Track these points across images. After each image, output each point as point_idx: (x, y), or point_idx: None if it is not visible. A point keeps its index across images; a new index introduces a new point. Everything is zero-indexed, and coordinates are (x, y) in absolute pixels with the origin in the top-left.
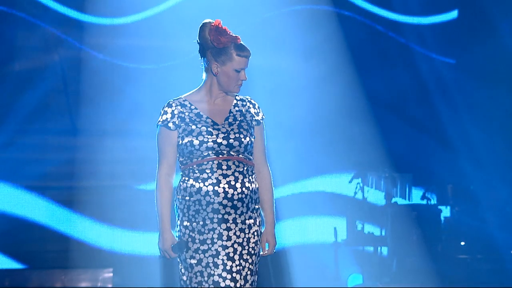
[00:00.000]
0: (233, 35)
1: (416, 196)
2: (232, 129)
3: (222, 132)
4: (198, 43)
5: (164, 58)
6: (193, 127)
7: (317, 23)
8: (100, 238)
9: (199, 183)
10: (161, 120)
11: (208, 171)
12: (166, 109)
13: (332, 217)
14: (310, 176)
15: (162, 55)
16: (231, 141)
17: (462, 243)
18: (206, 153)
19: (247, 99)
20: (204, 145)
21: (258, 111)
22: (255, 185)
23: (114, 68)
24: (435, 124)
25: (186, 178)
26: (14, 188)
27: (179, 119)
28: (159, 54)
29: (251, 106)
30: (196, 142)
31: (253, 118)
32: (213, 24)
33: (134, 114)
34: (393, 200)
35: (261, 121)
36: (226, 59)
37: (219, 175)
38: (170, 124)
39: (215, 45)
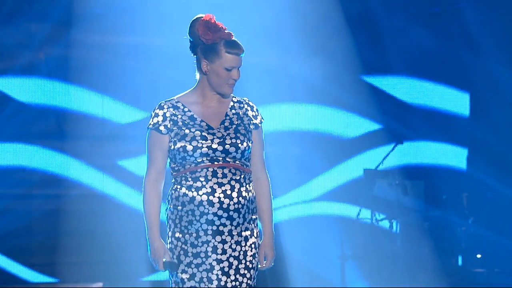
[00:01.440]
0: (225, 31)
1: (429, 205)
2: (229, 134)
3: (218, 137)
4: (189, 39)
5: (161, 56)
6: (186, 131)
7: (323, 20)
8: (89, 250)
9: (192, 192)
10: (152, 123)
11: (202, 179)
12: (157, 111)
13: (338, 227)
14: (313, 184)
15: (158, 53)
16: (227, 146)
17: (478, 256)
18: (200, 160)
19: (244, 100)
20: (198, 151)
21: (257, 113)
22: (253, 194)
23: (106, 66)
24: (448, 126)
25: (178, 187)
26: None
27: (171, 122)
28: (155, 51)
29: (248, 108)
30: (189, 147)
31: (251, 122)
32: (203, 18)
33: (128, 115)
34: (404, 209)
35: (260, 124)
36: (215, 56)
37: (214, 183)
38: (162, 128)
39: (203, 41)
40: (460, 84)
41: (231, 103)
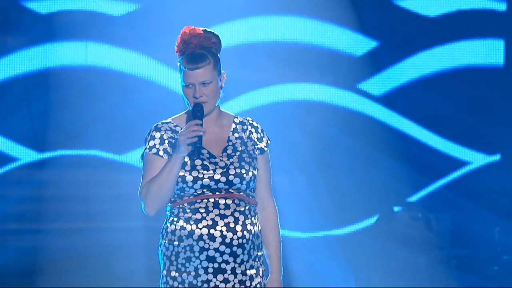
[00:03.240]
0: (192, 44)
1: (457, 241)
2: (232, 163)
3: (220, 167)
4: None
5: (156, 69)
6: (186, 159)
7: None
8: None
9: (191, 225)
10: (148, 146)
11: (202, 210)
12: (153, 133)
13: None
14: (324, 212)
15: (152, 65)
16: (230, 177)
17: None
18: (201, 191)
19: (248, 121)
20: (199, 182)
21: (262, 135)
22: (258, 227)
23: (92, 81)
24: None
25: (175, 219)
26: None
27: (170, 147)
28: (149, 63)
29: (252, 130)
30: (189, 178)
31: (256, 146)
32: (182, 30)
33: (118, 138)
34: (428, 246)
35: (266, 148)
36: (180, 71)
37: (216, 215)
38: (161, 152)
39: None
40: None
41: (233, 125)
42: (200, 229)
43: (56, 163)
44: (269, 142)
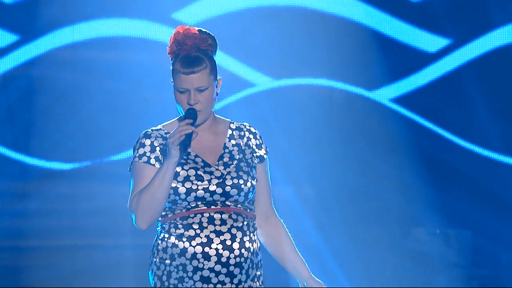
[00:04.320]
0: (187, 45)
1: (478, 259)
2: (229, 172)
3: (216, 177)
4: None
5: (141, 76)
6: (178, 168)
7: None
8: None
9: (183, 242)
10: (138, 154)
11: (196, 226)
12: (143, 140)
13: (364, 279)
14: (334, 230)
15: (137, 73)
16: (227, 188)
17: None
18: (194, 204)
19: (245, 126)
20: (193, 194)
21: (261, 142)
22: (257, 245)
23: (77, 90)
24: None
25: (166, 236)
26: None
27: (162, 155)
28: (134, 71)
29: (251, 136)
30: (182, 189)
31: (254, 154)
32: (175, 30)
33: (105, 149)
34: (446, 265)
35: (265, 156)
36: (173, 76)
37: (211, 232)
38: (152, 160)
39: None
40: None
41: (229, 132)
42: (194, 247)
43: (39, 174)
44: (267, 150)
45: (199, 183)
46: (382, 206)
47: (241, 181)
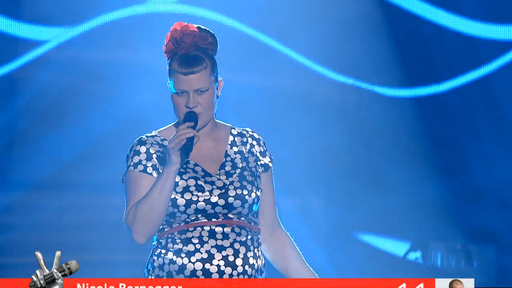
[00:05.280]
0: (185, 43)
1: (503, 277)
2: (232, 182)
3: (218, 187)
4: None
5: (133, 77)
6: (176, 178)
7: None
8: None
9: (182, 258)
10: (133, 163)
11: (195, 241)
12: (138, 147)
13: None
14: (342, 247)
15: (128, 73)
16: (230, 199)
17: None
18: (194, 217)
19: (247, 132)
20: (193, 205)
21: (265, 149)
22: (262, 261)
23: (61, 92)
24: None
25: (163, 251)
26: None
27: (159, 163)
28: (124, 71)
29: (254, 143)
30: (181, 201)
31: (259, 162)
32: (172, 27)
33: (90, 158)
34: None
35: (270, 164)
36: (169, 76)
37: (212, 247)
38: (149, 169)
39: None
40: None
41: (231, 138)
42: (193, 263)
43: (23, 184)
44: (272, 158)
45: (199, 194)
46: (396, 219)
47: (245, 192)
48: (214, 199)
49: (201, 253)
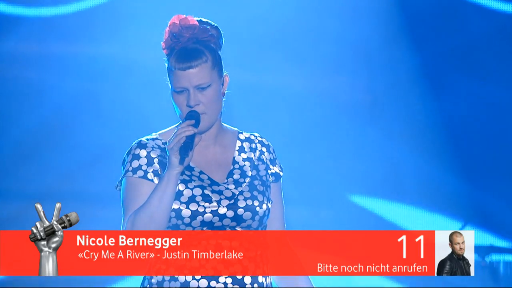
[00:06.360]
0: (183, 37)
1: None
2: (242, 192)
3: (226, 197)
4: None
5: (125, 74)
6: (181, 187)
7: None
8: None
9: (185, 274)
10: (131, 168)
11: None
12: (137, 151)
13: None
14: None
15: (120, 70)
16: (240, 211)
17: None
18: (199, 230)
19: (256, 137)
20: (199, 217)
21: (274, 156)
22: (270, 280)
23: (41, 91)
24: None
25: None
26: None
27: (161, 169)
28: (114, 67)
29: (264, 149)
30: (186, 212)
31: (269, 171)
32: (171, 21)
33: (81, 166)
34: None
35: (281, 173)
36: (168, 74)
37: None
38: (150, 175)
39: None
40: None
41: (238, 143)
42: (198, 280)
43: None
44: (282, 166)
45: (206, 204)
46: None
47: (256, 203)
48: (222, 210)
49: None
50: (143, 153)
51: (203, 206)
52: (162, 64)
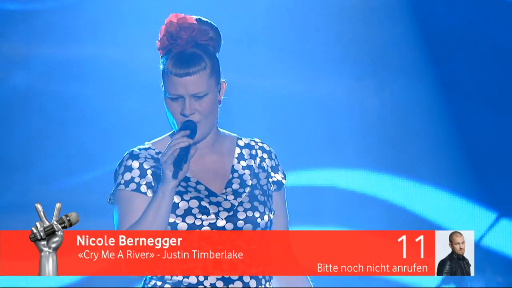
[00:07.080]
0: (181, 39)
1: None
2: (241, 203)
3: (225, 209)
4: None
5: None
6: (176, 199)
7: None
8: None
9: None
10: (124, 181)
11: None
12: (129, 162)
13: None
14: None
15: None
16: (240, 223)
17: None
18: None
19: (256, 143)
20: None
21: (277, 163)
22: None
23: (30, 94)
24: None
25: (158, 283)
26: None
27: (155, 181)
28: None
29: (264, 156)
30: (182, 225)
31: (270, 179)
32: (167, 19)
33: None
34: None
35: (283, 181)
36: (163, 77)
37: (218, 279)
38: (143, 188)
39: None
40: None
41: (237, 150)
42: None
43: None
44: (285, 173)
45: (204, 217)
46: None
47: (257, 214)
48: (221, 223)
49: (205, 286)
50: (135, 164)
51: (200, 219)
52: (156, 67)
